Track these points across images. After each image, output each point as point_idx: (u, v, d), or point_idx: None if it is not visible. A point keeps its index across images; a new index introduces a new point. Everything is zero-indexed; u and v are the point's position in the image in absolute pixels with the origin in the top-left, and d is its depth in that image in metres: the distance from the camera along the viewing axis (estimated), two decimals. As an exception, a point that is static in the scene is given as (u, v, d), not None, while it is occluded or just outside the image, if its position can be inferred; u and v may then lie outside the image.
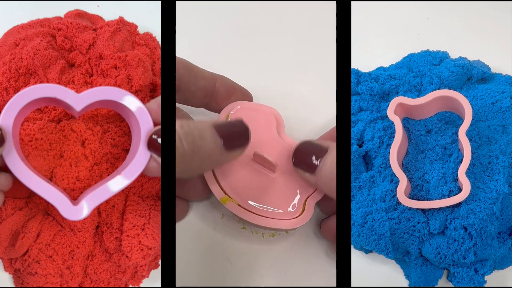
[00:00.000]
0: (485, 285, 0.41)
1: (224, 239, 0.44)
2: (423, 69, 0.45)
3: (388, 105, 0.41)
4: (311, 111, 0.48)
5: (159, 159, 0.36)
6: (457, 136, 0.41)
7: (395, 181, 0.41)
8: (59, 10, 0.47)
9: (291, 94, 0.49)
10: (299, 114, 0.48)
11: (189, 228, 0.44)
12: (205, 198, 0.43)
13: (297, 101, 0.49)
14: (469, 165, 0.40)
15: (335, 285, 0.42)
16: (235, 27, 0.51)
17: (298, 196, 0.42)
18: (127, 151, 0.41)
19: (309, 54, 0.49)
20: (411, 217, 0.41)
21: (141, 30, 0.47)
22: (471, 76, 0.45)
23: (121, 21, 0.45)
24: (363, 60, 0.48)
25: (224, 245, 0.44)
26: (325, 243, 0.43)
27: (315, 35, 0.50)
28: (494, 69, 0.47)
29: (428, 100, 0.41)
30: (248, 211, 0.40)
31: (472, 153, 0.40)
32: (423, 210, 0.41)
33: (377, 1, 0.51)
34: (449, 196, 0.40)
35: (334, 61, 0.48)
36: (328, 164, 0.36)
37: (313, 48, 0.49)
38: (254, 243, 0.44)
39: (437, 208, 0.40)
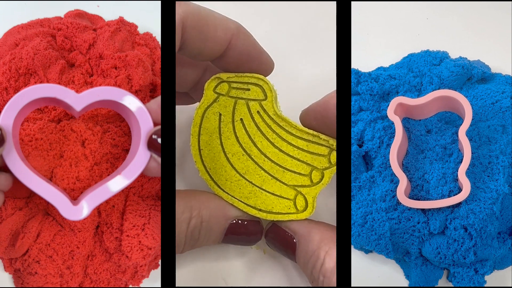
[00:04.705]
0: (485, 285, 0.41)
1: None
2: (423, 69, 0.45)
3: (388, 105, 0.41)
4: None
5: (159, 159, 0.36)
6: (457, 136, 0.41)
7: (395, 181, 0.41)
8: (59, 10, 0.47)
9: (291, 93, 0.49)
10: (299, 114, 0.48)
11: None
12: None
13: (297, 101, 0.49)
14: (469, 165, 0.40)
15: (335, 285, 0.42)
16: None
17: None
18: (127, 151, 0.41)
19: (309, 54, 0.49)
20: (411, 217, 0.41)
21: (141, 30, 0.47)
22: (471, 76, 0.45)
23: (121, 21, 0.45)
24: (363, 60, 0.48)
25: (224, 245, 0.43)
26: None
27: (315, 35, 0.50)
28: (494, 69, 0.47)
29: (428, 100, 0.41)
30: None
31: (472, 153, 0.40)
32: (423, 210, 0.41)
33: (377, 1, 0.51)
34: (449, 196, 0.40)
35: (334, 61, 0.48)
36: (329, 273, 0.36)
37: (313, 48, 0.49)
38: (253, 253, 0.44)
39: (437, 208, 0.40)
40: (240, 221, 0.38)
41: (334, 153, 0.36)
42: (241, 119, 0.36)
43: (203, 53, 0.36)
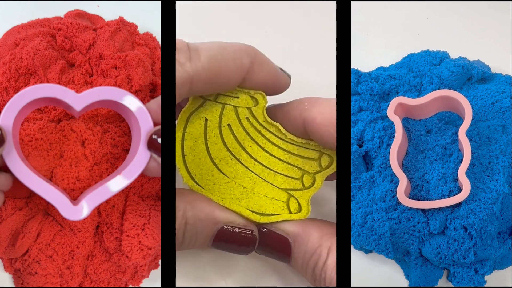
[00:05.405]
0: (485, 285, 0.41)
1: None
2: (423, 69, 0.45)
3: (388, 105, 0.41)
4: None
5: (159, 159, 0.36)
6: (457, 136, 0.41)
7: (395, 181, 0.41)
8: (59, 10, 0.47)
9: (290, 94, 0.49)
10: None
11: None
12: None
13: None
14: (469, 165, 0.40)
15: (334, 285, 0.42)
16: (235, 28, 0.51)
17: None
18: (127, 151, 0.41)
19: (309, 54, 0.49)
20: (411, 217, 0.41)
21: (141, 30, 0.47)
22: (471, 76, 0.45)
23: (121, 21, 0.45)
24: (363, 60, 0.48)
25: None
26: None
27: (315, 35, 0.50)
28: (494, 69, 0.47)
29: (428, 100, 0.41)
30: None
31: (472, 153, 0.40)
32: (423, 210, 0.41)
33: (377, 1, 0.51)
34: (449, 196, 0.40)
35: (334, 61, 0.48)
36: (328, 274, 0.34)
37: (313, 48, 0.49)
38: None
39: (437, 208, 0.40)
40: (230, 228, 0.35)
41: (325, 157, 0.35)
42: (228, 124, 0.35)
43: (217, 93, 0.36)
